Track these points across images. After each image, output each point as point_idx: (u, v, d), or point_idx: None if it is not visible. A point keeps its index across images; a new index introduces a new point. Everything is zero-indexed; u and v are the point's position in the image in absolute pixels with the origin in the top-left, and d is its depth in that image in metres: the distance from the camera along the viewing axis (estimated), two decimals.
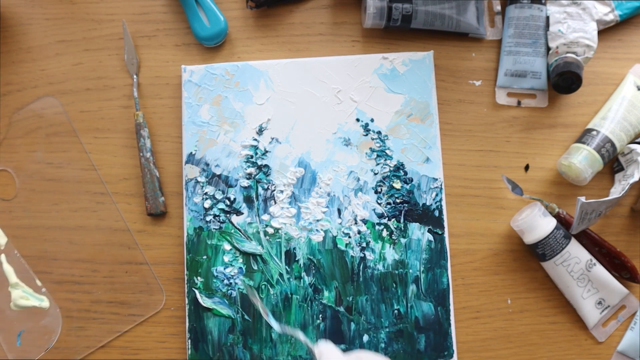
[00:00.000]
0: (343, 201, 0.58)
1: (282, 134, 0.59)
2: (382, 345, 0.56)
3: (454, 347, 0.56)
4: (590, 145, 0.57)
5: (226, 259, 0.57)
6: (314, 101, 0.59)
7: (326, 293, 0.57)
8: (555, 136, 0.60)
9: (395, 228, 0.58)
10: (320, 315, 0.57)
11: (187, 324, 0.56)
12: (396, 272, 0.57)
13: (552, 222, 0.56)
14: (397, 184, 0.58)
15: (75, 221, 0.59)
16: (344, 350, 0.55)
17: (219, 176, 0.58)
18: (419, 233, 0.57)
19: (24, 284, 0.50)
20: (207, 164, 0.58)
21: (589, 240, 0.58)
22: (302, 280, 0.57)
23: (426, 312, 0.56)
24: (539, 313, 0.58)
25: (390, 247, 0.57)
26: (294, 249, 0.57)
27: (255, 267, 0.57)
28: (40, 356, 0.49)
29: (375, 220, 0.58)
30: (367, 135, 0.59)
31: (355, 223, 0.58)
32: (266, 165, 0.58)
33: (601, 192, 0.60)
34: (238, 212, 0.58)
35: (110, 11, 0.62)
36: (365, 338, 0.56)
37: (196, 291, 0.57)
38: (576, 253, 0.56)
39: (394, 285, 0.57)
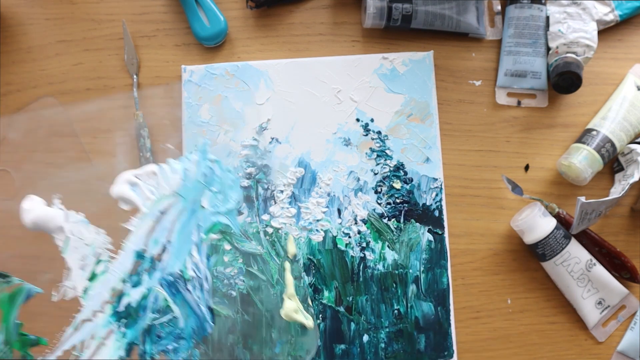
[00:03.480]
0: (343, 201, 0.58)
1: (282, 134, 0.59)
2: (382, 345, 0.56)
3: (454, 347, 0.56)
4: (590, 145, 0.57)
5: (226, 259, 0.57)
6: (314, 101, 0.59)
7: (326, 293, 0.57)
8: (555, 136, 0.60)
9: (395, 228, 0.57)
10: (320, 315, 0.56)
11: None
12: (396, 272, 0.57)
13: (552, 222, 0.56)
14: (397, 184, 0.58)
15: None
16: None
17: None
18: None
19: (298, 299, 0.54)
20: None
21: (589, 240, 0.57)
22: (302, 280, 0.57)
23: (426, 312, 0.56)
24: (539, 313, 0.58)
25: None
26: None
27: (256, 267, 0.57)
28: None
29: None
30: (367, 135, 0.59)
31: (355, 223, 0.58)
32: (266, 165, 0.58)
33: (601, 192, 0.60)
34: (238, 212, 0.58)
35: (110, 11, 0.62)
36: (365, 338, 0.56)
37: None
38: (576, 253, 0.56)
39: (394, 285, 0.57)
